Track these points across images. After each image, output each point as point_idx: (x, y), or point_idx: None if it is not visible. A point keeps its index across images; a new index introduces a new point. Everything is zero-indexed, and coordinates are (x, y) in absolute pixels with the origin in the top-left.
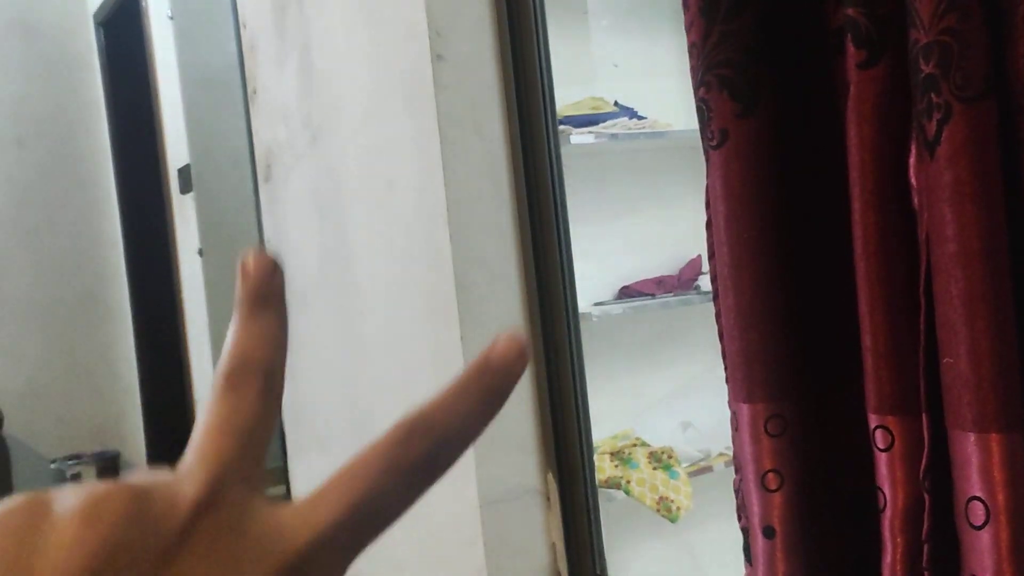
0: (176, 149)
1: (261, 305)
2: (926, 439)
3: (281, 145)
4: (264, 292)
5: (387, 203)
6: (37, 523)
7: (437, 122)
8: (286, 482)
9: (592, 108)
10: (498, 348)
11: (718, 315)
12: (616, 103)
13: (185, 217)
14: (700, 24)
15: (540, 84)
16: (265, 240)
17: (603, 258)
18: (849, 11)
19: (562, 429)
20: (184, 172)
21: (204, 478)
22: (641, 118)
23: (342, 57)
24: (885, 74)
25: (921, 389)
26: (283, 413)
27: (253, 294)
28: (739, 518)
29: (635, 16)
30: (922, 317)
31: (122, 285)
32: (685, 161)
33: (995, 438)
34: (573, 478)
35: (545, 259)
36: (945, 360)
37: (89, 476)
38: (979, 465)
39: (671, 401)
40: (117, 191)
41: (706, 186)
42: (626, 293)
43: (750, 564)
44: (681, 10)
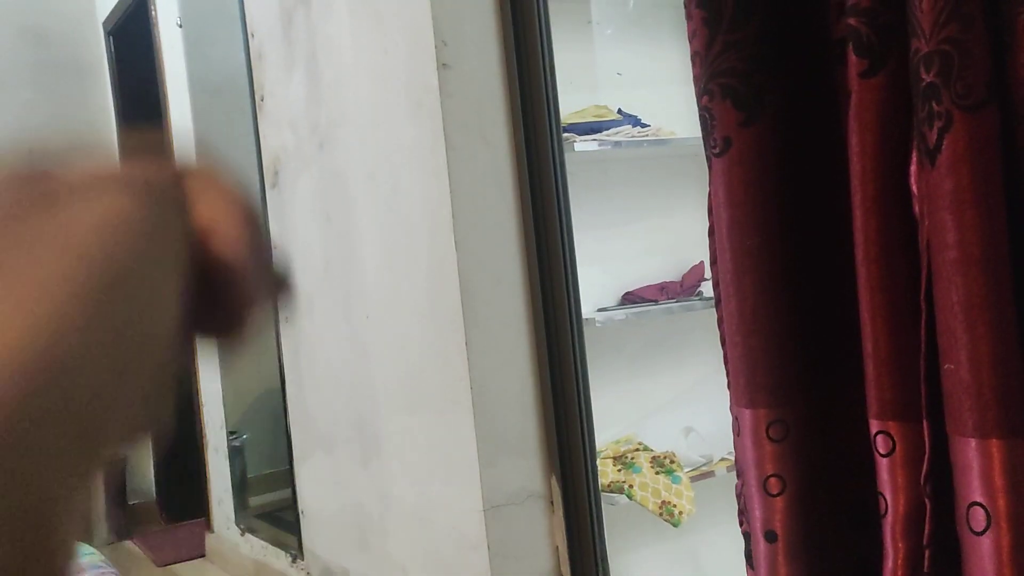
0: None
1: None
2: (927, 445)
3: (288, 151)
4: None
5: (393, 209)
6: None
7: (443, 130)
8: (292, 484)
9: (596, 116)
10: None
11: (720, 321)
12: (620, 111)
13: None
14: (704, 33)
15: (545, 92)
16: (272, 245)
17: (606, 264)
18: (851, 21)
19: (565, 434)
20: None
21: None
22: (644, 126)
23: (349, 65)
24: (886, 83)
25: (922, 395)
26: (288, 416)
27: None
28: (741, 522)
29: (639, 25)
30: (923, 323)
31: None
32: (688, 169)
33: (996, 444)
34: (576, 482)
35: (549, 265)
36: (946, 366)
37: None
38: (980, 471)
39: (674, 406)
40: None
41: (708, 193)
42: (629, 299)
43: (752, 568)
44: (684, 19)
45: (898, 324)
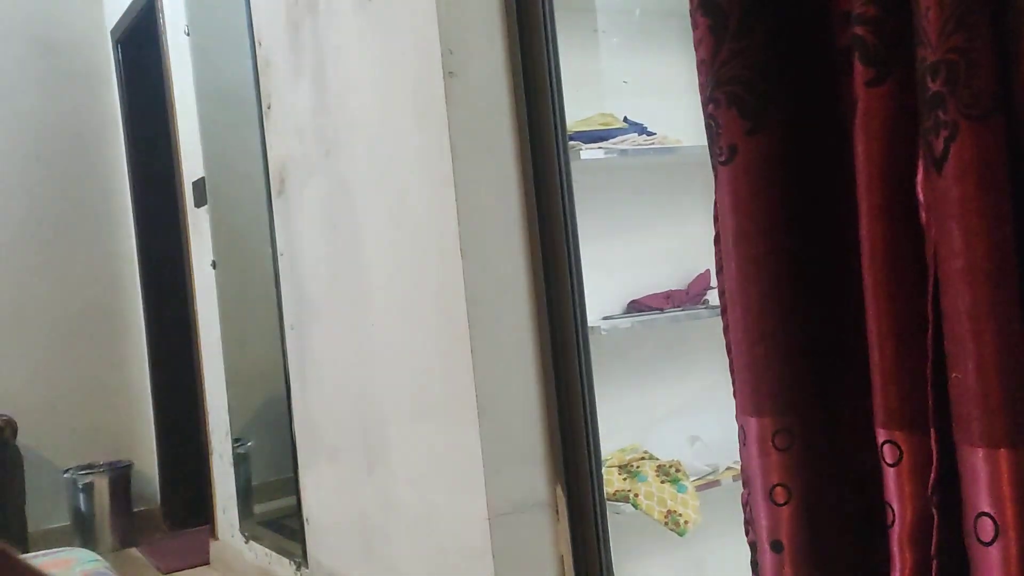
0: (191, 163)
1: None
2: (934, 454)
3: (295, 159)
4: None
5: (399, 217)
6: None
7: (449, 138)
8: (296, 492)
9: (602, 124)
10: None
11: (726, 329)
12: (626, 119)
13: (199, 230)
14: (710, 42)
15: (550, 100)
16: (278, 252)
17: (612, 272)
18: (857, 29)
19: (571, 442)
20: (199, 186)
21: None
22: (651, 134)
23: (356, 73)
24: (893, 92)
25: (929, 404)
26: (293, 424)
27: None
28: (747, 532)
29: (645, 34)
30: (930, 332)
31: (136, 297)
32: (694, 177)
33: (1004, 453)
34: (582, 491)
35: (555, 273)
36: (953, 375)
37: (102, 486)
38: (988, 480)
39: (679, 415)
40: (133, 205)
41: (714, 201)
42: (635, 307)
43: None
44: (690, 28)
45: (905, 332)
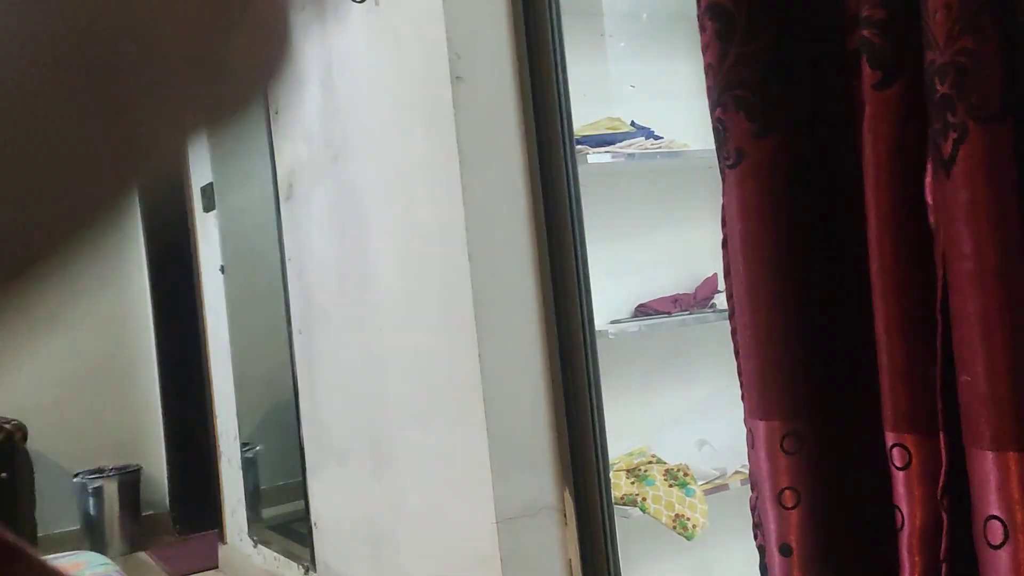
0: (199, 168)
1: None
2: (944, 457)
3: (303, 164)
4: None
5: (406, 221)
6: None
7: (456, 142)
8: (304, 496)
9: (609, 128)
10: None
11: (734, 333)
12: (633, 123)
13: (208, 235)
14: (717, 46)
15: (558, 104)
16: (287, 257)
17: (619, 276)
18: (865, 32)
19: (578, 446)
20: (207, 191)
21: None
22: (658, 138)
23: (363, 78)
24: (900, 94)
25: (938, 407)
26: (302, 428)
27: None
28: (756, 536)
29: (652, 38)
30: (939, 335)
31: (145, 302)
32: (701, 180)
33: (1013, 457)
34: (589, 495)
35: (562, 277)
36: (962, 378)
37: (111, 490)
38: (997, 484)
39: (687, 419)
40: (141, 209)
41: (722, 205)
42: (642, 311)
43: None
44: (698, 32)
45: (914, 335)
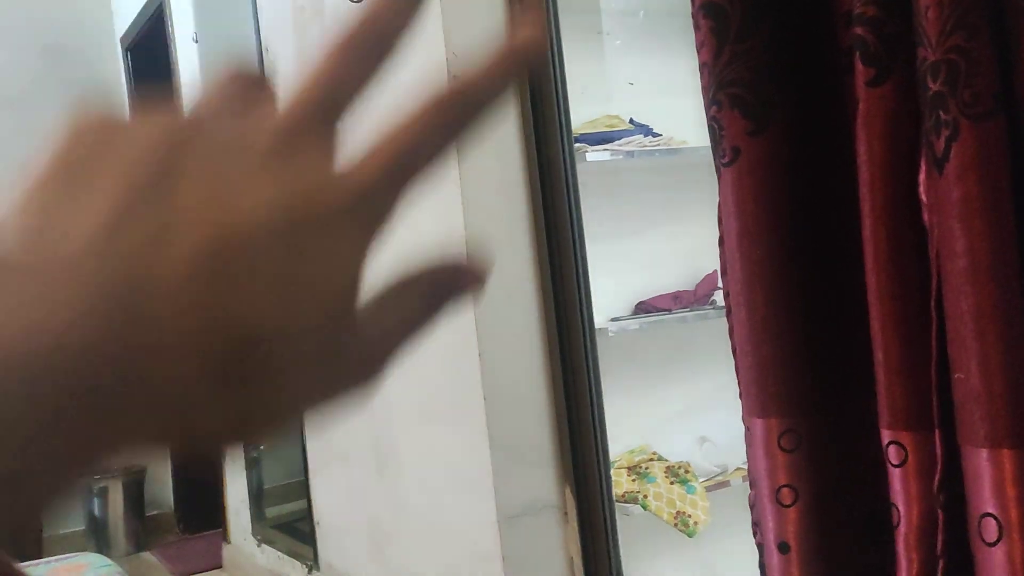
0: None
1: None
2: (939, 455)
3: None
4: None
5: (404, 219)
6: (115, 128)
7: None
8: (307, 495)
9: (607, 126)
10: (521, 35)
11: (731, 330)
12: (631, 121)
13: None
14: (711, 44)
15: (556, 102)
16: None
17: (619, 274)
18: (858, 30)
19: (579, 444)
20: None
21: (294, 109)
22: (656, 135)
23: None
24: (894, 92)
25: (934, 404)
26: (304, 428)
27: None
28: (755, 534)
29: (650, 35)
30: (933, 332)
31: None
32: (700, 177)
33: (1007, 454)
34: (591, 493)
35: (562, 275)
36: (957, 375)
37: (116, 491)
38: (992, 481)
39: (688, 416)
40: None
41: (718, 203)
42: (642, 308)
43: None
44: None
45: (909, 333)
